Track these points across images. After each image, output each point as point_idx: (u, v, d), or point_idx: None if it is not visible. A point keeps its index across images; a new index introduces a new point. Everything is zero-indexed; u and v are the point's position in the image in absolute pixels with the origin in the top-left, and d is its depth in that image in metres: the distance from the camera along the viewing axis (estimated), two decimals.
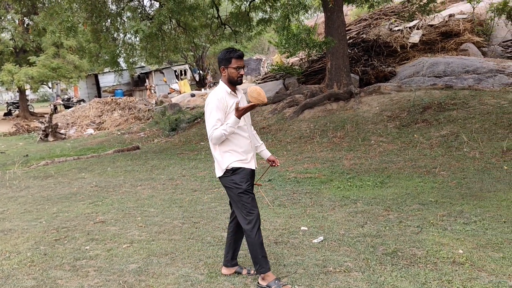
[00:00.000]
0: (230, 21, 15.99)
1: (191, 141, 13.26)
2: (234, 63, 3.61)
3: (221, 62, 3.66)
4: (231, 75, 3.62)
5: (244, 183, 3.62)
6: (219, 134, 3.52)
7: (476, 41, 16.58)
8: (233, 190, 3.63)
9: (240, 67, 3.63)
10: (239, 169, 3.63)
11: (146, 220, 5.88)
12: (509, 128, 8.63)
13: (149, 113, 21.13)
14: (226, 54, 3.62)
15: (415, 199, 5.94)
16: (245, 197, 3.60)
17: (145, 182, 8.45)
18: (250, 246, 3.62)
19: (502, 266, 3.73)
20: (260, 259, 3.60)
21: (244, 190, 3.60)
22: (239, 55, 3.63)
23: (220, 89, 3.65)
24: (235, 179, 3.62)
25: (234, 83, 3.66)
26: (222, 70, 3.66)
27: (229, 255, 3.93)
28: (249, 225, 3.57)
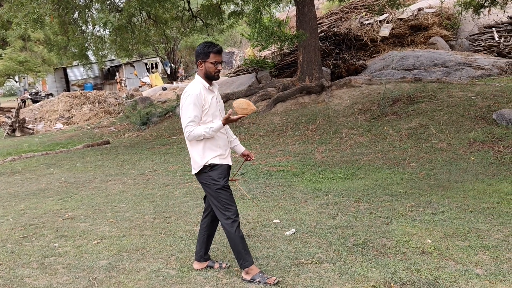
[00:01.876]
0: (201, 13, 15.85)
1: (163, 135, 13.13)
2: (212, 57, 3.54)
3: (199, 56, 3.58)
4: (209, 70, 3.56)
5: (222, 179, 3.58)
6: (199, 133, 3.48)
7: (444, 35, 16.94)
8: (210, 186, 3.58)
9: (218, 62, 3.56)
10: (217, 165, 3.59)
11: (116, 215, 5.79)
12: (476, 120, 8.86)
13: (119, 107, 20.80)
14: (205, 48, 3.55)
15: (385, 191, 6.04)
16: (223, 193, 3.56)
17: (116, 177, 8.32)
18: (231, 241, 3.59)
19: (469, 255, 3.83)
20: (242, 254, 3.58)
21: (222, 186, 3.56)
22: (218, 50, 3.55)
23: (197, 83, 3.58)
24: (213, 175, 3.57)
25: (211, 78, 3.60)
26: (200, 64, 3.58)
27: (202, 250, 3.90)
28: (228, 220, 3.54)
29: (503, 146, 7.42)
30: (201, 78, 3.61)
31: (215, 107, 3.62)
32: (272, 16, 13.29)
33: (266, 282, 3.51)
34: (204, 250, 3.91)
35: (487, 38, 16.44)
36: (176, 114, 15.43)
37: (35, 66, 26.09)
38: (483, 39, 16.51)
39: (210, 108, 3.56)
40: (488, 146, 7.58)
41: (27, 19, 10.85)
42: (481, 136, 8.00)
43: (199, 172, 3.63)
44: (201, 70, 3.60)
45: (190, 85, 3.61)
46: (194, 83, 3.61)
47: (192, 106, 3.47)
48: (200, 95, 3.50)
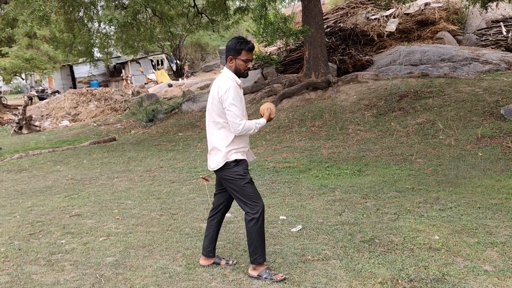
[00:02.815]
0: (207, 9, 15.81)
1: (169, 132, 13.14)
2: (244, 55, 3.50)
3: (230, 51, 3.53)
4: (239, 67, 3.53)
5: (248, 174, 3.57)
6: (251, 126, 3.49)
7: (452, 30, 16.79)
8: (236, 181, 3.54)
9: (249, 60, 3.53)
10: (242, 160, 3.57)
11: (123, 212, 5.80)
12: (484, 115, 8.78)
13: (125, 104, 20.84)
14: (237, 44, 3.50)
15: (392, 187, 6.00)
16: (249, 187, 3.54)
17: (122, 174, 8.34)
18: (252, 235, 3.54)
19: (477, 251, 3.79)
20: (259, 249, 3.56)
21: (249, 180, 3.55)
22: (250, 47, 3.51)
23: (228, 78, 3.51)
24: (239, 170, 3.54)
25: (240, 75, 3.58)
26: (230, 60, 3.54)
27: (211, 246, 3.87)
28: (256, 215, 3.51)
29: (511, 141, 7.35)
30: (232, 73, 3.56)
31: (243, 104, 3.60)
32: (277, 11, 13.25)
33: (272, 279, 3.50)
34: (213, 246, 3.89)
35: (495, 32, 16.27)
36: (182, 111, 15.44)
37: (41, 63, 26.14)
38: (491, 33, 16.34)
39: (243, 103, 3.55)
40: (496, 141, 7.52)
41: (33, 17, 10.89)
42: (489, 131, 7.93)
43: (222, 168, 3.57)
44: (231, 66, 3.55)
45: (223, 80, 3.51)
46: (225, 77, 3.53)
47: (237, 100, 3.44)
48: (236, 87, 3.48)
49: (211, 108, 3.59)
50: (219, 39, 30.11)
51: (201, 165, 8.45)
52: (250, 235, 3.57)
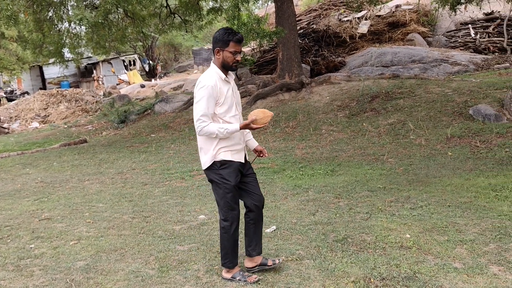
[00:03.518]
0: (179, 10, 15.71)
1: (141, 133, 12.98)
2: (232, 46, 3.30)
3: (217, 43, 3.33)
4: (227, 59, 3.33)
5: (233, 179, 3.40)
6: (212, 131, 3.27)
7: (422, 32, 17.14)
8: (219, 185, 3.42)
9: (237, 52, 3.34)
10: (228, 162, 3.40)
11: (94, 215, 5.69)
12: (453, 115, 8.98)
13: (97, 105, 20.51)
14: (225, 35, 3.30)
15: (364, 186, 6.07)
16: (230, 194, 3.41)
17: (93, 177, 8.19)
18: (223, 241, 3.50)
19: (447, 249, 3.86)
20: (229, 255, 3.51)
21: (232, 186, 3.40)
22: (238, 38, 3.32)
23: (212, 73, 3.35)
24: (223, 173, 3.39)
25: (228, 68, 3.39)
26: (217, 52, 3.34)
27: (254, 243, 3.62)
28: (227, 222, 3.44)
29: (479, 141, 7.54)
30: (217, 67, 3.38)
31: (231, 100, 3.42)
32: (250, 12, 13.26)
33: (246, 281, 3.48)
34: (255, 244, 3.62)
35: (464, 34, 16.69)
36: (155, 111, 15.29)
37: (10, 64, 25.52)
38: (460, 35, 16.75)
39: (226, 100, 3.36)
40: (465, 141, 7.69)
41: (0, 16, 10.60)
42: (458, 131, 8.11)
43: (209, 168, 3.44)
44: (218, 59, 3.36)
45: (205, 75, 3.35)
46: (209, 73, 3.36)
47: (205, 99, 3.25)
48: (215, 87, 3.28)
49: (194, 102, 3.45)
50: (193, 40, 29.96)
51: (175, 166, 8.38)
52: (221, 241, 3.53)
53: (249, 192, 3.56)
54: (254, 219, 3.58)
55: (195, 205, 5.84)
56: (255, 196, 3.56)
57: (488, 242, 3.96)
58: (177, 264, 3.95)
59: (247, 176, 3.57)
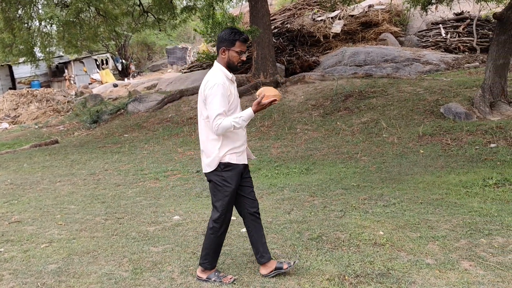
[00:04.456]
0: (153, 8, 15.52)
1: (114, 133, 12.79)
2: (238, 46, 3.29)
3: (223, 42, 3.31)
4: (232, 59, 3.31)
5: (234, 182, 3.35)
6: (228, 125, 3.19)
7: (394, 31, 17.39)
8: (219, 187, 3.35)
9: (243, 52, 3.32)
10: (233, 165, 3.34)
11: (66, 217, 5.58)
12: (425, 114, 9.14)
13: (68, 105, 20.10)
14: (231, 35, 3.28)
15: (338, 184, 6.12)
16: (228, 198, 3.36)
17: (65, 178, 8.03)
18: (208, 241, 3.45)
19: (420, 245, 3.92)
20: (210, 255, 3.47)
21: (233, 190, 3.35)
22: (245, 38, 3.31)
23: (219, 73, 3.31)
24: (225, 176, 3.33)
25: (233, 68, 3.35)
26: (222, 51, 3.31)
27: (260, 250, 3.54)
28: (218, 224, 3.40)
29: (450, 139, 7.69)
30: (223, 67, 3.35)
31: (237, 99, 3.39)
32: (225, 11, 13.21)
33: (222, 281, 3.46)
34: (262, 250, 3.53)
35: (435, 34, 17.01)
36: (128, 111, 15.09)
37: None
38: (431, 35, 17.06)
39: (234, 99, 3.33)
40: (436, 139, 7.84)
41: None
42: (430, 129, 8.26)
43: (212, 170, 3.37)
44: (223, 59, 3.33)
45: (212, 74, 3.30)
46: (215, 72, 3.32)
47: (219, 97, 3.19)
48: (225, 85, 3.25)
49: (200, 105, 3.38)
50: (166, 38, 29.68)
51: (148, 167, 8.28)
52: (206, 240, 3.48)
53: (243, 196, 3.50)
54: (251, 226, 3.54)
55: (170, 206, 5.78)
56: (249, 201, 3.50)
57: (459, 238, 4.04)
58: (151, 265, 3.90)
59: (244, 178, 3.50)
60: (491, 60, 8.70)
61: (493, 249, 3.76)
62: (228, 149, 3.33)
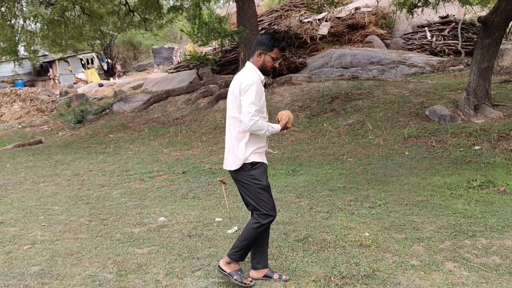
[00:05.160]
0: (139, 8, 15.42)
1: (99, 133, 12.67)
2: (275, 52, 3.34)
3: (262, 45, 3.35)
4: (267, 63, 3.36)
5: (265, 179, 3.34)
6: (263, 127, 3.26)
7: (380, 34, 17.52)
8: (250, 186, 3.32)
9: (277, 59, 3.38)
10: (259, 163, 3.34)
11: (49, 219, 5.50)
12: (410, 116, 9.21)
13: (52, 105, 19.87)
14: (271, 40, 3.33)
15: (324, 186, 6.13)
16: (264, 193, 3.31)
17: (49, 179, 7.92)
18: (246, 235, 3.35)
19: (405, 247, 3.94)
20: (243, 249, 3.39)
21: (264, 186, 3.32)
22: (283, 47, 3.40)
23: (253, 73, 3.33)
24: (255, 174, 3.31)
25: (265, 71, 3.40)
26: (259, 54, 3.35)
27: (257, 257, 3.53)
28: (265, 221, 3.30)
29: (435, 141, 7.76)
30: (257, 68, 3.38)
31: (264, 101, 3.42)
32: (212, 11, 13.17)
33: (243, 283, 3.37)
34: (259, 256, 3.53)
35: (420, 37, 17.17)
36: (113, 111, 14.96)
37: None
38: (417, 38, 17.22)
39: (264, 100, 3.38)
40: (421, 141, 7.90)
41: None
42: (415, 131, 8.32)
43: (238, 170, 3.34)
44: (258, 61, 3.37)
45: (247, 74, 3.32)
46: (249, 72, 3.34)
47: (255, 94, 3.23)
48: (259, 84, 3.30)
49: (231, 102, 3.39)
50: (153, 38, 29.48)
51: (134, 168, 8.21)
52: (246, 233, 3.36)
53: None
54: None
55: (155, 207, 5.73)
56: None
57: (443, 239, 4.07)
58: (136, 267, 3.86)
59: None
60: (476, 63, 8.80)
61: (477, 251, 3.80)
62: (253, 149, 3.34)
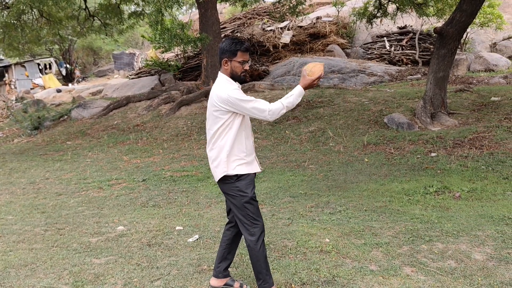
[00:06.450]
0: (99, 13, 15.16)
1: (56, 140, 12.30)
2: (239, 56, 3.16)
3: (224, 53, 3.18)
4: (235, 69, 3.17)
5: (250, 190, 3.20)
6: (280, 106, 3.07)
7: (341, 43, 17.88)
8: (236, 198, 3.19)
9: (245, 62, 3.20)
10: (244, 175, 3.20)
11: (3, 228, 5.28)
12: (369, 123, 9.40)
13: (8, 111, 19.17)
14: (232, 45, 3.17)
15: (286, 192, 6.16)
16: (250, 206, 3.18)
17: (3, 187, 7.62)
18: (253, 259, 3.22)
19: (364, 252, 4.00)
20: (263, 274, 3.22)
21: (250, 198, 3.18)
22: (246, 48, 3.20)
23: (227, 83, 3.16)
24: (240, 186, 3.18)
25: (237, 79, 3.21)
26: (225, 62, 3.18)
27: (222, 265, 3.45)
28: (253, 237, 3.18)
29: (393, 148, 7.95)
30: (228, 77, 3.21)
31: None
32: (174, 18, 13.09)
33: None
34: (225, 265, 3.46)
35: (379, 46, 17.63)
36: (71, 118, 14.58)
37: None
38: (376, 47, 17.67)
39: None
40: (380, 148, 8.08)
41: None
42: (374, 139, 8.50)
43: (223, 181, 3.22)
44: (226, 70, 3.20)
45: (221, 86, 3.15)
46: (222, 83, 3.17)
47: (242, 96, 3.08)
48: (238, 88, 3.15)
49: (208, 116, 3.26)
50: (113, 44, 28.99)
51: (92, 175, 8.01)
52: (252, 259, 3.25)
53: None
54: (231, 237, 3.45)
55: (114, 216, 5.60)
56: None
57: (401, 244, 4.15)
58: (93, 278, 3.75)
59: None
60: (432, 72, 9.09)
61: (433, 255, 3.90)
62: (235, 159, 3.19)
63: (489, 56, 15.16)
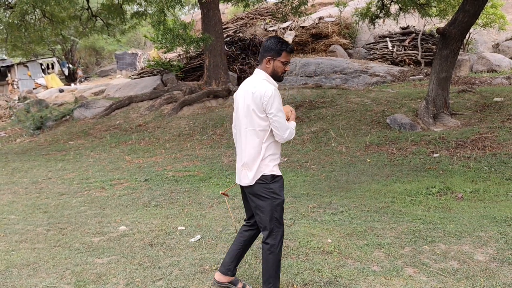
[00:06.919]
0: (102, 13, 15.18)
1: (59, 140, 12.33)
2: (284, 56, 3.16)
3: (269, 51, 3.16)
4: (277, 69, 3.17)
5: (283, 193, 3.20)
6: (293, 131, 3.21)
7: (343, 43, 17.86)
8: (268, 200, 3.13)
9: (287, 63, 3.20)
10: (278, 176, 3.19)
11: (5, 228, 5.29)
12: (371, 124, 9.39)
13: (10, 110, 19.22)
14: (278, 44, 3.15)
15: (288, 192, 6.15)
16: (279, 209, 3.16)
17: (5, 187, 7.63)
18: (269, 262, 3.18)
19: (366, 253, 4.00)
20: (273, 277, 3.21)
21: (282, 201, 3.18)
22: (291, 49, 3.20)
23: (269, 82, 3.15)
24: (274, 188, 3.14)
25: (277, 78, 3.21)
26: (268, 61, 3.16)
27: (233, 264, 3.42)
28: (275, 240, 3.16)
29: (396, 148, 7.94)
30: (268, 76, 3.20)
31: None
32: (176, 18, 13.10)
33: None
34: (235, 264, 3.43)
35: (382, 47, 17.60)
36: (73, 118, 14.60)
37: None
38: (378, 48, 17.64)
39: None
40: (382, 148, 8.07)
41: None
42: (376, 139, 8.49)
43: (256, 183, 3.15)
44: (268, 68, 3.18)
45: (262, 84, 3.11)
46: (262, 82, 3.14)
47: (281, 106, 3.11)
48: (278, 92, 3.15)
49: (245, 114, 3.17)
50: (116, 44, 29.04)
51: (94, 175, 8.02)
52: (265, 261, 3.21)
53: None
54: (248, 239, 3.43)
55: (116, 216, 5.61)
56: None
57: (404, 245, 4.15)
58: (95, 278, 3.75)
59: None
60: (435, 73, 9.08)
61: (435, 256, 3.89)
62: (270, 160, 3.19)
63: (491, 57, 15.12)
